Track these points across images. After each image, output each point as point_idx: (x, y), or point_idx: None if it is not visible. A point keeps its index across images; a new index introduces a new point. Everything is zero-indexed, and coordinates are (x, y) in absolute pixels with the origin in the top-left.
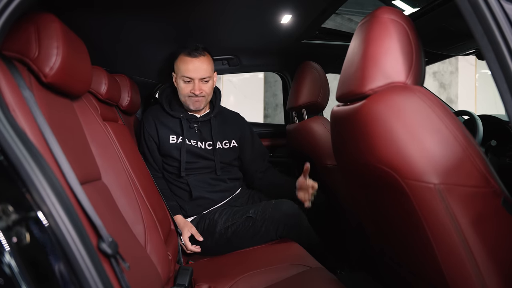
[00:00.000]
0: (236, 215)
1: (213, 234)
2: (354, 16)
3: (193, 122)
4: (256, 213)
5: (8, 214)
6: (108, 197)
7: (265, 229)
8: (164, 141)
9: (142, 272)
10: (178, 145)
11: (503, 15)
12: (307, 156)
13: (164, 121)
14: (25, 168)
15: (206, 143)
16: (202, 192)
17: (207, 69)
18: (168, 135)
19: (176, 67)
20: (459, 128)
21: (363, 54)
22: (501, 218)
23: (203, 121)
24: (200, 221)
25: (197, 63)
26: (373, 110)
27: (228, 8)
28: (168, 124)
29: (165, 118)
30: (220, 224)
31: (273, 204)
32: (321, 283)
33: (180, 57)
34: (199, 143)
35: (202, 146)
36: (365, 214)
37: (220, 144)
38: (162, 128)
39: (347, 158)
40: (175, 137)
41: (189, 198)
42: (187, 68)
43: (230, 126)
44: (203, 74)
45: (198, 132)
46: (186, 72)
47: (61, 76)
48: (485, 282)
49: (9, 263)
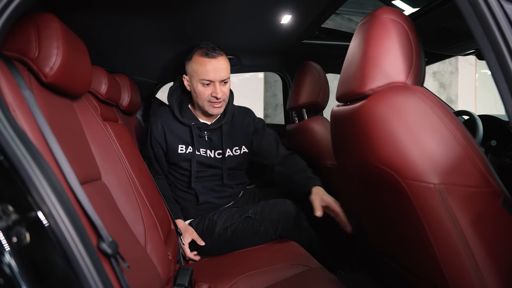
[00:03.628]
0: (235, 215)
1: (212, 234)
2: (354, 16)
3: (203, 130)
4: (255, 213)
5: (8, 214)
6: (108, 197)
7: (264, 228)
8: (173, 150)
9: (142, 272)
10: (187, 155)
11: (503, 15)
12: (307, 156)
13: (173, 128)
14: (25, 168)
15: (216, 152)
16: (208, 198)
17: (227, 69)
18: (177, 145)
19: (192, 69)
20: (459, 128)
21: (363, 54)
22: (501, 218)
23: (213, 129)
24: (199, 222)
25: (217, 64)
26: (373, 110)
27: (228, 8)
28: (177, 132)
29: (174, 124)
30: (219, 225)
31: (272, 204)
32: (321, 283)
33: (196, 58)
34: (209, 151)
35: (212, 155)
36: (365, 214)
37: (230, 151)
38: (170, 136)
39: (347, 158)
40: (184, 147)
41: (195, 203)
42: (206, 70)
43: (240, 131)
44: (223, 76)
45: (208, 140)
46: (206, 74)
47: (61, 76)
48: (485, 282)
49: (9, 263)
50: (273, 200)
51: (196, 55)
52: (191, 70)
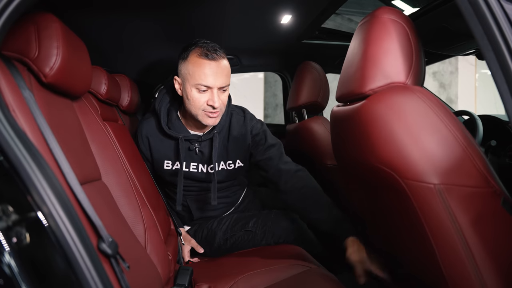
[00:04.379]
0: (235, 226)
1: (212, 244)
2: (354, 16)
3: (194, 142)
4: (256, 226)
5: (8, 214)
6: (108, 197)
7: (265, 242)
8: (158, 165)
9: (142, 272)
10: (173, 172)
11: (503, 15)
12: (307, 156)
13: (159, 141)
14: (25, 168)
15: (209, 167)
16: (203, 213)
17: (228, 75)
18: (162, 160)
19: (186, 71)
20: (459, 128)
21: (363, 54)
22: (501, 218)
23: (205, 140)
24: (198, 230)
25: (217, 68)
26: (373, 110)
27: (228, 8)
28: (163, 146)
29: (159, 137)
30: (219, 236)
31: (273, 218)
32: (321, 283)
33: (193, 59)
34: (200, 166)
35: (204, 169)
36: (365, 214)
37: (224, 165)
38: (156, 151)
39: (347, 158)
40: (170, 162)
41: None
42: (205, 73)
43: (236, 142)
44: (224, 82)
45: (199, 153)
46: (203, 78)
47: (61, 76)
48: (485, 282)
49: (9, 263)
50: (274, 213)
51: (193, 54)
52: (186, 71)
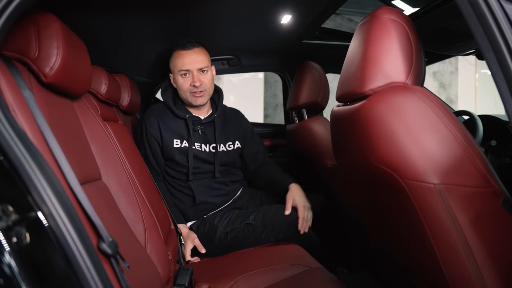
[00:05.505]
0: (236, 220)
1: (212, 239)
2: (354, 16)
3: (197, 124)
4: (256, 219)
5: (8, 214)
6: (108, 197)
7: (265, 236)
8: (168, 145)
9: (142, 272)
10: (183, 149)
11: (503, 15)
12: (307, 156)
13: (168, 122)
14: (25, 168)
15: (210, 146)
16: (205, 197)
17: (204, 60)
18: (172, 139)
19: (172, 64)
20: (459, 128)
21: (363, 54)
22: (501, 218)
23: (207, 123)
24: (200, 225)
25: (193, 55)
26: (373, 110)
27: (228, 8)
28: (171, 126)
29: (168, 118)
30: (220, 230)
31: (273, 211)
32: (321, 283)
33: (175, 54)
34: (203, 146)
35: (207, 149)
36: (365, 214)
37: (224, 147)
38: (165, 131)
39: (347, 158)
40: (179, 141)
41: (192, 203)
42: (183, 61)
43: (232, 126)
44: (200, 65)
45: (202, 134)
46: (183, 65)
47: (61, 76)
48: (485, 282)
49: (9, 263)
50: (274, 207)
51: (175, 51)
52: (172, 65)
